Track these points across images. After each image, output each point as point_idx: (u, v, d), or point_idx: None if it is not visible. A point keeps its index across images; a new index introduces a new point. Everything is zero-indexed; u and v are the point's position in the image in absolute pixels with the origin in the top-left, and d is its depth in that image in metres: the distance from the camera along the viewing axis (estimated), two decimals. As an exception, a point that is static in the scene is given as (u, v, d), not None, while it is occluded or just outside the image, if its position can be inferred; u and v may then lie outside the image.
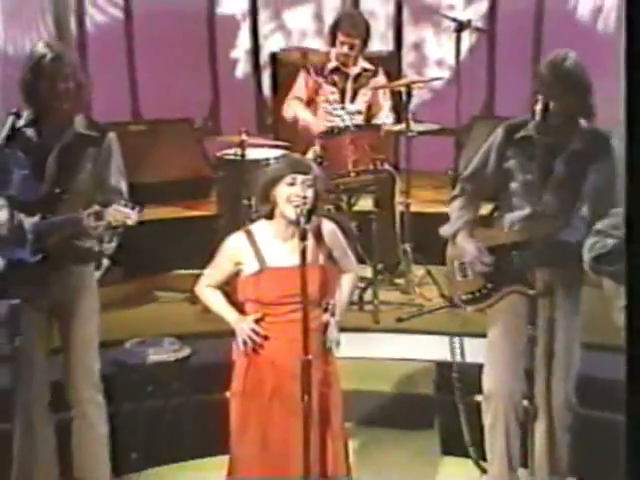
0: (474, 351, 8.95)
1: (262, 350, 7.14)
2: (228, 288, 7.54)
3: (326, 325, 7.18)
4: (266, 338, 7.10)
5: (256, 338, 7.05)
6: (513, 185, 7.87)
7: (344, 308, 7.42)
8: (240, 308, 7.30)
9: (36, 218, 7.70)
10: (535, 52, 8.97)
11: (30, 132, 7.79)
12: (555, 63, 7.72)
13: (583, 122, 7.71)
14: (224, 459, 8.19)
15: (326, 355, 7.22)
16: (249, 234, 7.24)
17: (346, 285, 7.44)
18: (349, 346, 7.78)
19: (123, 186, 7.99)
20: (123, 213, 7.36)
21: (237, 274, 7.30)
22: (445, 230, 8.11)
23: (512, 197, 7.90)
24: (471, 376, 8.69)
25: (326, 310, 7.26)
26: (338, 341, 7.20)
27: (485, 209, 8.32)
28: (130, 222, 7.29)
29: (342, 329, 7.55)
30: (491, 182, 8.00)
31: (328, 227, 7.36)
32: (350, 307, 8.14)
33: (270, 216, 7.14)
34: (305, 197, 6.95)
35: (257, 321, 7.13)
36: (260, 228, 7.25)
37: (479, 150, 8.10)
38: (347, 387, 7.86)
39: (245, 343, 7.08)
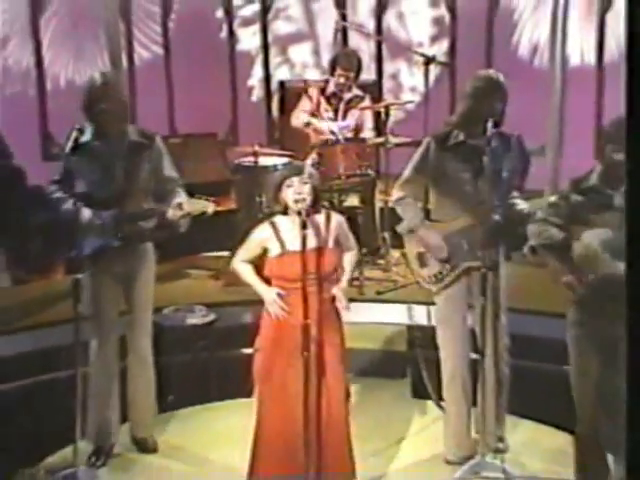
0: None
1: (282, 315, 7.25)
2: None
3: (334, 296, 7.28)
4: (286, 306, 7.22)
5: (279, 306, 7.17)
6: (452, 182, 8.04)
7: (348, 278, 7.58)
8: (266, 281, 7.40)
9: (111, 211, 7.98)
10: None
11: (94, 143, 7.96)
12: (480, 80, 8.07)
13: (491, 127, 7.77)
14: (241, 401, 9.03)
15: (333, 319, 7.36)
16: (273, 225, 7.32)
17: (348, 260, 7.57)
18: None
19: (175, 175, 8.28)
20: (201, 204, 7.81)
21: (262, 255, 7.39)
22: (402, 227, 8.35)
23: (452, 192, 8.07)
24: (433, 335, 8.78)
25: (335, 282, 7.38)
26: (347, 306, 7.31)
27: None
28: (210, 210, 7.83)
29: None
30: (430, 183, 8.15)
31: (336, 218, 7.47)
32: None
33: (285, 212, 7.23)
34: (301, 192, 7.07)
35: (279, 293, 7.29)
36: (280, 221, 7.29)
37: (415, 160, 8.23)
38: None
39: (272, 309, 7.22)
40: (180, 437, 8.96)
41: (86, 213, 7.92)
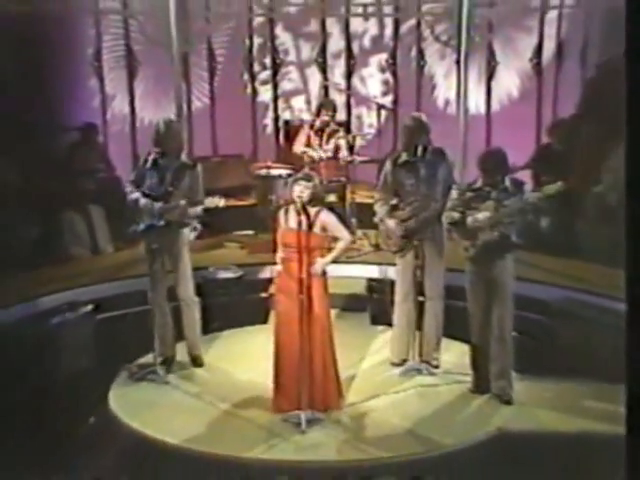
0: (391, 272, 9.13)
1: (286, 270, 7.44)
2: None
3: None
4: (285, 264, 7.41)
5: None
6: (404, 187, 8.18)
7: (333, 256, 7.45)
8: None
9: (160, 204, 8.07)
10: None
11: (158, 162, 8.15)
12: (412, 120, 8.30)
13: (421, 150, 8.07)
14: (260, 326, 9.13)
15: (318, 276, 7.40)
16: (285, 211, 7.50)
17: (339, 246, 7.51)
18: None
19: (202, 192, 8.23)
20: (215, 202, 8.08)
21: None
22: (376, 217, 8.45)
23: (404, 193, 8.18)
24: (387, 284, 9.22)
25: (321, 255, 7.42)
26: (318, 272, 7.32)
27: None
28: (221, 205, 7.99)
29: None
30: (391, 189, 8.24)
31: (324, 214, 7.47)
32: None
33: (292, 203, 7.36)
34: (301, 192, 7.27)
35: (282, 259, 7.46)
36: (289, 208, 7.46)
37: (381, 175, 8.45)
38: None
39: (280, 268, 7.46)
40: (220, 352, 8.93)
41: (143, 201, 8.12)
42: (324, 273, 7.51)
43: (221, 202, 8.12)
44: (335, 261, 7.57)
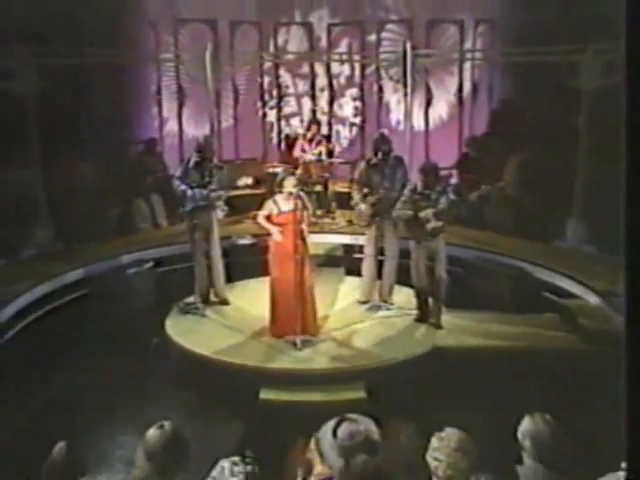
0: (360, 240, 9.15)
1: (281, 239, 7.35)
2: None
3: (302, 230, 7.23)
4: (282, 236, 7.31)
5: (278, 236, 7.31)
6: (373, 182, 8.01)
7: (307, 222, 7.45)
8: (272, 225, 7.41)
9: (200, 190, 8.01)
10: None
11: (198, 163, 8.06)
12: (378, 135, 8.28)
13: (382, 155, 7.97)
14: (262, 279, 8.35)
15: (305, 241, 7.32)
16: (274, 200, 7.42)
17: (307, 215, 7.44)
18: (310, 238, 7.84)
19: (227, 184, 8.35)
20: (244, 181, 8.13)
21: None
22: (352, 202, 8.27)
23: (373, 186, 8.02)
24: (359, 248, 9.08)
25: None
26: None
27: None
28: (249, 182, 8.23)
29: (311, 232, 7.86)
30: (364, 182, 8.07)
31: (304, 198, 7.40)
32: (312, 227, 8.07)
33: (281, 192, 7.35)
34: (293, 184, 7.25)
35: (279, 231, 7.34)
36: (279, 197, 7.38)
37: (356, 172, 8.31)
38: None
39: (276, 237, 7.34)
40: (239, 295, 8.68)
41: (189, 191, 8.01)
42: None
43: (249, 180, 8.11)
44: (318, 231, 7.49)
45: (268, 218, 7.49)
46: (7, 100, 9.09)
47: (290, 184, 7.33)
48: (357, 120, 12.92)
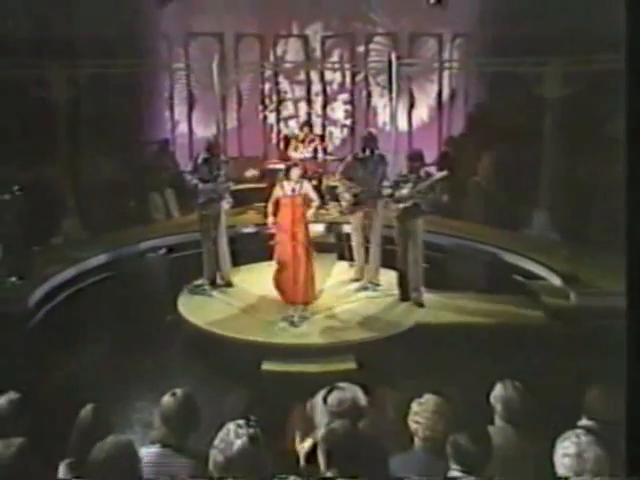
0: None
1: (281, 221, 7.54)
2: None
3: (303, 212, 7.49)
4: (283, 217, 7.51)
5: (270, 221, 7.64)
6: (358, 175, 7.89)
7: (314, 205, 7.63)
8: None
9: (209, 184, 7.86)
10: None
11: (207, 160, 7.92)
12: (365, 134, 8.18)
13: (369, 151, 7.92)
14: (268, 262, 8.25)
15: (305, 222, 7.54)
16: (282, 185, 7.52)
17: (313, 204, 7.63)
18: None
19: (231, 177, 8.19)
20: (252, 172, 8.10)
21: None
22: (338, 191, 8.19)
23: (357, 179, 7.89)
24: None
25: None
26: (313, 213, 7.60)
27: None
28: (255, 173, 8.06)
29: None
30: (349, 175, 7.95)
31: (306, 184, 7.59)
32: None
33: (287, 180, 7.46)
34: (297, 173, 7.46)
35: (279, 215, 7.55)
36: (285, 183, 7.49)
37: (343, 165, 8.21)
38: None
39: (269, 222, 7.68)
40: (243, 278, 8.51)
41: (200, 185, 7.89)
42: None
43: (255, 172, 8.09)
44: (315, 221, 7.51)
45: (276, 202, 7.62)
46: (41, 107, 9.22)
47: (295, 174, 7.47)
48: (348, 122, 12.83)
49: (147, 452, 3.30)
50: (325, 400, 3.29)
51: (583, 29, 8.33)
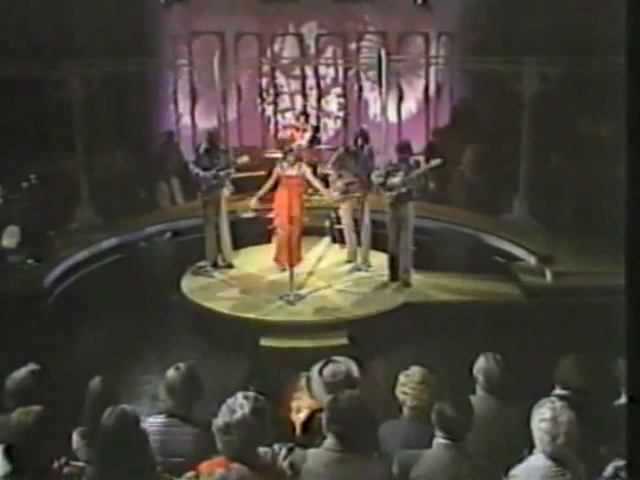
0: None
1: (280, 197, 7.68)
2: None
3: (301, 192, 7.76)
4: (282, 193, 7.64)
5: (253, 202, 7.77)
6: (348, 165, 7.88)
7: (315, 186, 7.82)
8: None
9: (211, 171, 7.76)
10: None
11: (208, 150, 7.90)
12: (358, 129, 8.30)
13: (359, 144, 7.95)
14: (266, 245, 8.48)
15: (302, 199, 7.81)
16: (282, 165, 7.66)
17: (314, 183, 7.80)
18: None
19: (231, 166, 8.00)
20: (243, 159, 7.97)
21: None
22: (330, 180, 8.06)
23: (347, 169, 7.86)
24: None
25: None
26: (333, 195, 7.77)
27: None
28: (245, 160, 8.04)
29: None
30: (341, 165, 7.93)
31: (305, 168, 7.70)
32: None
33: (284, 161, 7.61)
34: (294, 157, 7.67)
35: (278, 192, 7.69)
36: (285, 164, 7.64)
37: (334, 156, 8.18)
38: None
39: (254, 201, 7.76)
40: (243, 259, 8.45)
41: (202, 173, 7.82)
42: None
43: (245, 158, 8.06)
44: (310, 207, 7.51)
45: (277, 181, 7.73)
46: (59, 105, 9.24)
47: (292, 158, 7.66)
48: (341, 114, 12.68)
49: (154, 421, 3.30)
50: (321, 372, 3.30)
51: (564, 30, 8.46)
